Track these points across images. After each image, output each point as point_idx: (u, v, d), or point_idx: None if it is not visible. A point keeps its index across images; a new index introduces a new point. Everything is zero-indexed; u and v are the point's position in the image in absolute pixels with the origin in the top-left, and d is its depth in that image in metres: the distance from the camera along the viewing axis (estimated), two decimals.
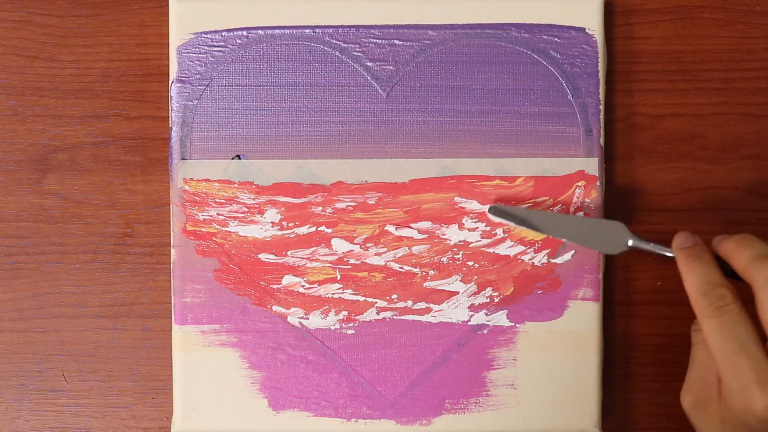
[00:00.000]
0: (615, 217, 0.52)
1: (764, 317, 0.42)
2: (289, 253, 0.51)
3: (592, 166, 0.51)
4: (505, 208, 0.50)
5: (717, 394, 0.44)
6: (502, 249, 0.51)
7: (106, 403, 0.53)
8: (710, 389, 0.45)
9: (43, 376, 0.53)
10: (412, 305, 0.51)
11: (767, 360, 0.41)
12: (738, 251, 0.44)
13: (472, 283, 0.51)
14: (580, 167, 0.51)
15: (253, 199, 0.51)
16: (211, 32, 0.51)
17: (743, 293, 0.43)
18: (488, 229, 0.51)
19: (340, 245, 0.51)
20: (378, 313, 0.51)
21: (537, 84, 0.51)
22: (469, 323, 0.51)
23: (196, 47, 0.51)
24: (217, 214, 0.51)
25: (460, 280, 0.51)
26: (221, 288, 0.51)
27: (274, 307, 0.51)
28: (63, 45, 0.53)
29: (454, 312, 0.51)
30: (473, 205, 0.51)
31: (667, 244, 0.47)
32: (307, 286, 0.51)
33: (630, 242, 0.48)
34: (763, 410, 0.41)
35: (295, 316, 0.51)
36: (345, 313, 0.51)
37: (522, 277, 0.51)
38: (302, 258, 0.51)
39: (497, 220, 0.50)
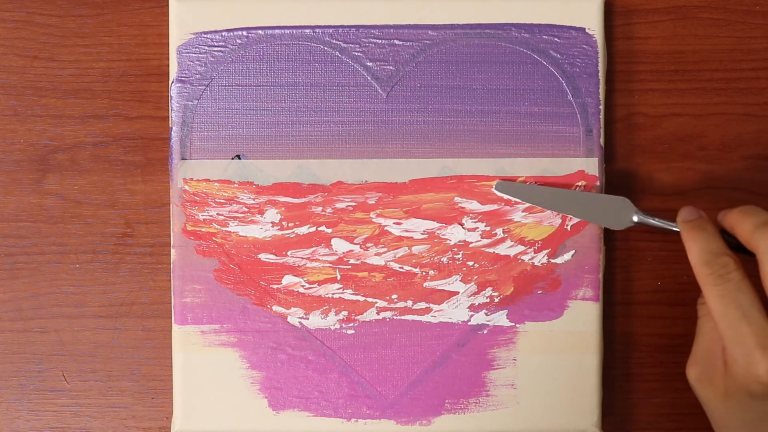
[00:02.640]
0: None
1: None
2: (289, 253, 0.51)
3: (592, 166, 0.51)
4: (511, 184, 0.50)
5: (722, 365, 0.44)
6: (502, 249, 0.51)
7: (106, 403, 0.53)
8: (715, 361, 0.45)
9: (43, 376, 0.53)
10: (412, 305, 0.51)
11: None
12: (742, 221, 0.44)
13: (472, 283, 0.51)
14: (580, 167, 0.51)
15: (253, 199, 0.51)
16: (211, 32, 0.51)
17: (749, 267, 0.44)
18: (488, 229, 0.51)
19: (340, 245, 0.51)
20: (378, 313, 0.51)
21: (537, 84, 0.51)
22: (469, 323, 0.51)
23: (196, 47, 0.51)
24: (217, 214, 0.51)
25: (460, 280, 0.51)
26: (221, 288, 0.51)
27: (274, 307, 0.51)
28: (63, 45, 0.53)
29: (454, 312, 0.51)
30: (473, 205, 0.51)
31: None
32: (307, 286, 0.51)
33: (635, 218, 0.48)
34: (765, 374, 0.41)
35: (295, 316, 0.51)
36: (345, 313, 0.51)
37: (522, 277, 0.51)
38: (302, 258, 0.51)
39: (503, 195, 0.50)
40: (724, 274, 0.43)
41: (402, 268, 0.51)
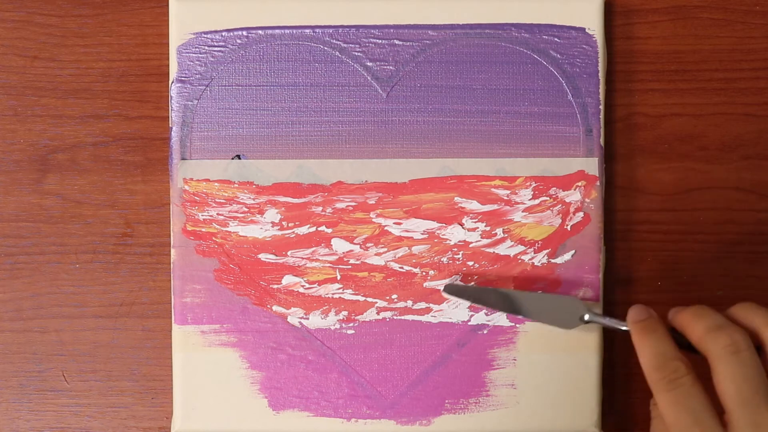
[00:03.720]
0: (615, 217, 0.52)
1: (720, 388, 0.41)
2: (289, 253, 0.51)
3: (592, 166, 0.51)
4: (459, 286, 0.50)
5: None
6: (502, 249, 0.51)
7: (106, 403, 0.53)
8: None
9: (43, 376, 0.53)
10: (412, 305, 0.51)
11: None
12: (692, 323, 0.44)
13: (472, 283, 0.51)
14: (580, 167, 0.51)
15: (253, 199, 0.51)
16: (211, 32, 0.51)
17: (701, 366, 0.43)
18: (488, 229, 0.51)
19: (340, 245, 0.51)
20: (378, 313, 0.51)
21: (537, 84, 0.51)
22: (469, 323, 0.51)
23: (196, 47, 0.51)
24: (217, 214, 0.51)
25: (460, 280, 0.51)
26: (221, 288, 0.51)
27: (274, 307, 0.51)
28: (63, 45, 0.53)
29: (454, 312, 0.51)
30: (473, 205, 0.51)
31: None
32: (307, 286, 0.51)
33: (586, 317, 0.49)
34: None
35: (295, 316, 0.51)
36: (345, 313, 0.51)
37: (522, 277, 0.51)
38: (302, 258, 0.51)
39: (451, 298, 0.50)
40: (675, 378, 0.42)
41: (402, 268, 0.51)
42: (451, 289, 0.50)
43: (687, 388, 0.42)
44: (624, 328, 0.46)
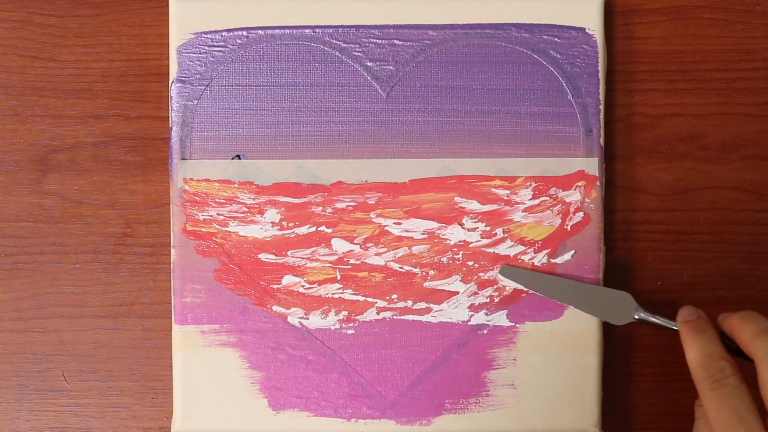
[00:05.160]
0: (615, 217, 0.52)
1: (765, 392, 0.42)
2: (289, 253, 0.51)
3: (592, 166, 0.51)
4: (515, 269, 0.51)
5: None
6: (502, 249, 0.51)
7: (106, 403, 0.53)
8: None
9: (43, 376, 0.53)
10: (412, 305, 0.51)
11: None
12: (741, 327, 0.44)
13: (472, 283, 0.51)
14: (580, 167, 0.51)
15: (253, 199, 0.51)
16: (211, 32, 0.51)
17: (748, 371, 0.43)
18: (488, 229, 0.51)
19: (340, 245, 0.51)
20: (378, 313, 0.51)
21: (537, 84, 0.51)
22: (469, 323, 0.51)
23: (196, 47, 0.51)
24: (217, 214, 0.51)
25: (460, 280, 0.51)
26: (221, 288, 0.51)
27: (274, 307, 0.51)
28: (63, 45, 0.53)
29: (454, 312, 0.51)
30: (473, 205, 0.51)
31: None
32: (307, 286, 0.51)
33: (636, 315, 0.49)
34: None
35: (295, 316, 0.51)
36: (345, 313, 0.51)
37: None
38: (302, 258, 0.51)
39: (506, 280, 0.51)
40: (721, 378, 0.43)
41: (402, 268, 0.51)
42: (506, 272, 0.51)
43: (732, 388, 0.42)
44: (674, 327, 0.47)
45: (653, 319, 0.49)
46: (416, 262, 0.51)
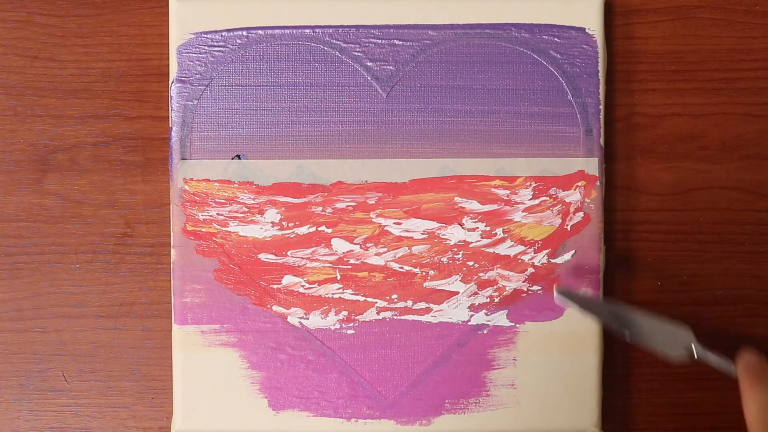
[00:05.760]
0: (615, 217, 0.52)
1: None
2: (289, 253, 0.51)
3: (592, 166, 0.51)
4: (573, 294, 0.49)
5: None
6: (502, 249, 0.51)
7: (106, 403, 0.53)
8: None
9: (43, 376, 0.53)
10: (412, 305, 0.51)
11: None
12: None
13: (472, 283, 0.51)
14: (580, 167, 0.51)
15: (253, 199, 0.51)
16: (211, 32, 0.51)
17: None
18: (488, 229, 0.51)
19: (340, 245, 0.51)
20: (378, 313, 0.51)
21: (537, 84, 0.51)
22: (469, 323, 0.51)
23: (196, 47, 0.51)
24: (217, 214, 0.51)
25: (460, 280, 0.51)
26: (221, 288, 0.51)
27: (274, 307, 0.51)
28: (63, 45, 0.53)
29: (454, 312, 0.51)
30: (473, 205, 0.51)
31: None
32: (307, 286, 0.51)
33: (695, 354, 0.46)
34: None
35: (295, 316, 0.51)
36: (345, 313, 0.51)
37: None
38: (302, 258, 0.51)
39: (560, 300, 0.49)
40: None
41: (402, 268, 0.51)
42: (562, 291, 0.49)
43: None
44: (734, 374, 0.45)
45: (711, 360, 0.46)
46: (416, 262, 0.51)
